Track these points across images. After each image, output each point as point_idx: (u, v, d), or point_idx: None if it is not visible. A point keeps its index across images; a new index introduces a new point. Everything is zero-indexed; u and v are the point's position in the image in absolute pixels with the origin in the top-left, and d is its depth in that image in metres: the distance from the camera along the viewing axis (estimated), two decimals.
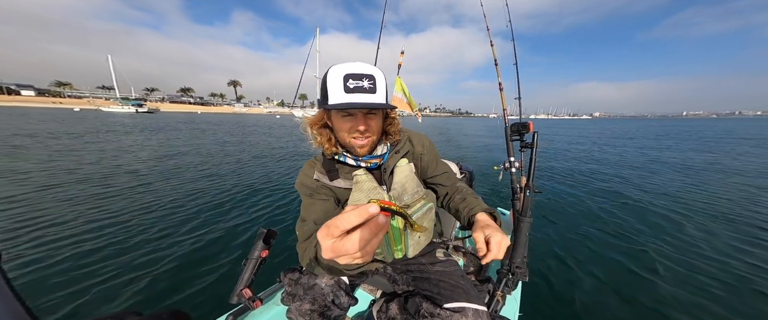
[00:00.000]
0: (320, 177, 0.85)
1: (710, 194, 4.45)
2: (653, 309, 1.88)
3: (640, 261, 2.46)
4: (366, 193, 0.81)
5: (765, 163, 7.25)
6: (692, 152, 9.63)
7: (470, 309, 0.78)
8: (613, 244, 2.80)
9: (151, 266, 2.27)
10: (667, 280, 2.19)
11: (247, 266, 1.05)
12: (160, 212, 3.38)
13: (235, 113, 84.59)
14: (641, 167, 6.80)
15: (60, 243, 2.57)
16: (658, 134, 19.27)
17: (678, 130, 26.01)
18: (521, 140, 1.39)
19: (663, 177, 5.72)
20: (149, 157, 7.05)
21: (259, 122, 30.66)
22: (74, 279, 2.09)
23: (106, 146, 8.72)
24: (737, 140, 14.05)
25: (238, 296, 1.01)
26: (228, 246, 2.65)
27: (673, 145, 12.02)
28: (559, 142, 13.97)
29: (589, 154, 9.43)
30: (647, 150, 10.13)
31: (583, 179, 5.63)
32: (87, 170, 5.38)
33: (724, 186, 4.94)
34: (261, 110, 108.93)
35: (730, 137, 16.62)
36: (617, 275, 2.27)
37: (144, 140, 10.45)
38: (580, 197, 4.35)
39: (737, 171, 6.26)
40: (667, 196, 4.39)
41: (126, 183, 4.58)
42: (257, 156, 7.80)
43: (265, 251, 1.08)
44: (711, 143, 12.59)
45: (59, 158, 6.49)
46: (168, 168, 5.86)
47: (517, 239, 1.22)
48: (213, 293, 2.00)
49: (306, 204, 0.84)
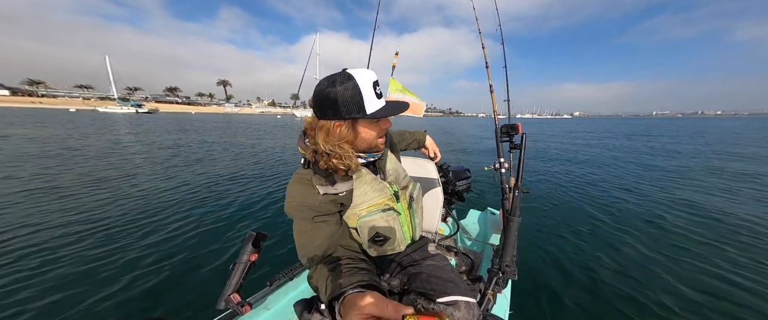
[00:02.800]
0: (326, 189, 0.79)
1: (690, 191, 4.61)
2: (644, 306, 1.92)
3: (623, 256, 2.54)
4: (369, 184, 0.84)
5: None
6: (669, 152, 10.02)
7: (462, 302, 0.81)
8: (601, 239, 2.88)
9: (142, 269, 2.20)
10: (654, 279, 2.24)
11: (235, 270, 1.02)
12: (157, 213, 3.28)
13: (226, 113, 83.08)
14: (613, 165, 7.04)
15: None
16: (632, 133, 20.37)
17: (647, 128, 27.52)
18: (510, 141, 1.42)
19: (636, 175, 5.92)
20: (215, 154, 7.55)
21: (264, 123, 30.51)
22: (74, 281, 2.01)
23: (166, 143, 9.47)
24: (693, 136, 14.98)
25: (225, 301, 0.98)
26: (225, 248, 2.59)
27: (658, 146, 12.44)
28: (543, 140, 14.35)
29: (576, 153, 9.69)
30: (618, 150, 10.51)
31: (569, 177, 5.79)
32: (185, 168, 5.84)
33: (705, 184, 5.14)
34: (253, 111, 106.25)
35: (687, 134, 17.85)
36: (605, 271, 2.32)
37: (190, 140, 11.03)
38: (567, 195, 4.46)
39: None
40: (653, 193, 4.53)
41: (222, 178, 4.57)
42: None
43: (254, 254, 1.06)
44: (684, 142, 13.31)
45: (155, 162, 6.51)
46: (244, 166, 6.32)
47: (506, 238, 1.23)
48: (198, 298, 1.94)
49: (304, 230, 0.77)
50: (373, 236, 0.86)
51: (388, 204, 0.86)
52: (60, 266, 2.22)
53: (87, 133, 12.37)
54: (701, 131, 22.57)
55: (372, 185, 0.84)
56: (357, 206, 0.84)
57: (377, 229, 0.85)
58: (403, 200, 0.91)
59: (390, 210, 0.85)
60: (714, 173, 6.14)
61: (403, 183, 0.93)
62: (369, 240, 0.87)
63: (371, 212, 0.84)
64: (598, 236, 2.99)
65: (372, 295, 0.42)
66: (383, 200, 0.85)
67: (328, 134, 0.73)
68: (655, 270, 2.33)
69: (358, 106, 0.69)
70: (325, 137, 0.73)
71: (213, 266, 2.33)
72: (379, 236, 0.85)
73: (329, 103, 0.69)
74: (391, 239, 0.87)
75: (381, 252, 0.90)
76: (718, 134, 19.05)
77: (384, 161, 0.91)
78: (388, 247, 0.89)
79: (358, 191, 0.83)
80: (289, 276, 1.26)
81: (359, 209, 0.84)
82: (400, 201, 0.89)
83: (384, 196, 0.85)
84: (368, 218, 0.84)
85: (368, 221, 0.84)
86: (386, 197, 0.86)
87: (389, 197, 0.86)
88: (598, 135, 18.31)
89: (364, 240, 0.87)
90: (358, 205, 0.84)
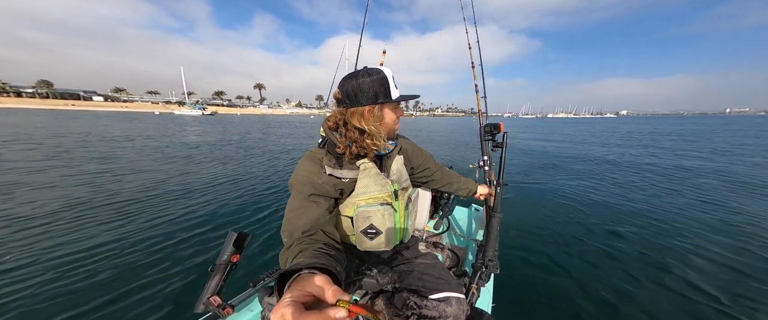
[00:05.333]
0: (332, 171, 0.85)
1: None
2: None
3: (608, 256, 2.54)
4: (373, 178, 0.89)
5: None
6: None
7: (453, 298, 0.88)
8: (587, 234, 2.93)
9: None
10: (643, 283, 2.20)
11: (214, 272, 0.98)
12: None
13: (262, 114, 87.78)
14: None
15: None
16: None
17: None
18: (493, 139, 1.44)
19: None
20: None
21: (302, 122, 32.53)
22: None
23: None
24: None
25: (204, 304, 0.95)
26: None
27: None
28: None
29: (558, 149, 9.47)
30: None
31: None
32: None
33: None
34: (283, 111, 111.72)
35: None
36: (585, 267, 2.35)
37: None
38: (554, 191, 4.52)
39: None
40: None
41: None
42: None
43: (235, 255, 1.02)
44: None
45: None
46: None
47: (489, 234, 1.27)
48: (169, 302, 1.80)
49: (297, 206, 0.80)
50: (367, 227, 0.88)
51: (387, 200, 0.89)
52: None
53: (187, 132, 14.62)
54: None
55: (375, 179, 0.88)
56: (357, 196, 0.88)
57: (372, 221, 0.88)
58: (402, 199, 0.94)
59: (387, 205, 0.88)
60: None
61: (403, 184, 0.97)
62: (362, 231, 0.89)
63: (370, 203, 0.88)
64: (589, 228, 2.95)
65: (321, 278, 0.41)
66: (383, 194, 0.88)
67: (362, 116, 0.83)
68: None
69: (385, 92, 0.83)
70: (360, 119, 0.83)
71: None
72: (372, 228, 0.88)
73: (364, 90, 0.81)
74: (382, 234, 0.89)
75: (368, 246, 0.91)
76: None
77: (391, 160, 0.96)
78: (376, 242, 0.90)
79: (361, 183, 0.88)
80: (274, 277, 1.23)
81: (359, 199, 0.88)
82: (398, 200, 0.92)
83: (385, 191, 0.89)
84: (366, 209, 0.87)
85: (365, 211, 0.87)
86: (386, 193, 0.89)
87: (389, 193, 0.89)
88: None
89: (357, 230, 0.90)
90: (359, 195, 0.88)
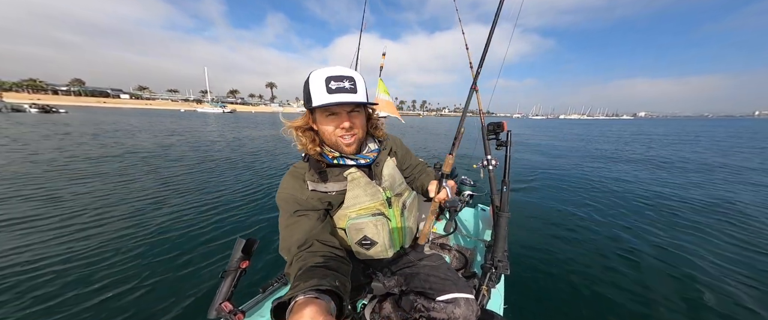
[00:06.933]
0: (315, 186, 0.82)
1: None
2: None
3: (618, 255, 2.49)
4: (363, 188, 0.85)
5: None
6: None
7: (462, 299, 0.84)
8: (593, 234, 2.88)
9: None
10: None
11: (225, 278, 0.99)
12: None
13: (272, 112, 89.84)
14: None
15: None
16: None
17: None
18: (496, 138, 1.41)
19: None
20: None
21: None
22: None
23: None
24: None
25: (217, 310, 0.96)
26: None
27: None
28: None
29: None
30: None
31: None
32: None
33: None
34: (294, 110, 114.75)
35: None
36: (596, 268, 2.30)
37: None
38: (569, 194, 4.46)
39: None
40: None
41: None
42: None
43: (244, 261, 1.03)
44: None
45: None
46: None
47: (497, 234, 1.25)
48: (188, 309, 1.85)
49: (286, 224, 0.79)
50: (361, 239, 0.86)
51: (379, 209, 0.86)
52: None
53: (212, 129, 15.66)
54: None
55: (365, 189, 0.85)
56: (348, 208, 0.85)
57: (365, 233, 0.85)
58: (396, 207, 0.91)
59: (380, 215, 0.86)
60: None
61: (397, 190, 0.94)
62: (356, 242, 0.87)
63: (361, 215, 0.85)
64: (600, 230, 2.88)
65: (312, 309, 0.43)
66: (374, 204, 0.86)
67: (301, 122, 0.84)
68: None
69: (307, 98, 0.77)
70: (299, 123, 0.84)
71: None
72: (367, 239, 0.86)
73: (304, 93, 0.79)
74: (378, 243, 0.87)
75: (366, 255, 0.90)
76: None
77: (381, 166, 0.92)
78: (373, 251, 0.89)
79: (350, 194, 0.85)
80: (283, 282, 1.24)
81: (349, 211, 0.85)
82: (392, 207, 0.89)
83: (376, 200, 0.86)
84: (357, 221, 0.85)
85: (357, 223, 0.85)
86: (378, 202, 0.86)
87: (381, 202, 0.87)
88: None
89: (352, 242, 0.88)
90: (349, 207, 0.85)
